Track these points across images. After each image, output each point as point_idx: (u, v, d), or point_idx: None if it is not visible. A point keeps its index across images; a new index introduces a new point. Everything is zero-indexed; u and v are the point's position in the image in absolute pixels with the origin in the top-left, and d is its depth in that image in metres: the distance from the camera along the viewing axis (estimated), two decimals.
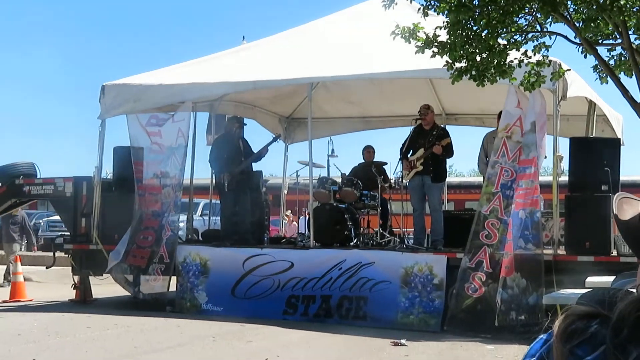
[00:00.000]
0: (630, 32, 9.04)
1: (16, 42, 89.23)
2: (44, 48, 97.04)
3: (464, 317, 10.74)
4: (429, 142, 12.48)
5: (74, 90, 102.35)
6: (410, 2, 9.62)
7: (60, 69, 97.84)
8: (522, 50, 9.37)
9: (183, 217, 16.24)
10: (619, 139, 13.27)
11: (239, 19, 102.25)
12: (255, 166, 13.78)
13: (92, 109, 14.66)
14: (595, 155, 11.24)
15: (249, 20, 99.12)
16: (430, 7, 9.07)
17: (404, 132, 13.15)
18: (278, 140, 13.83)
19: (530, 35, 9.30)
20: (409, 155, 12.68)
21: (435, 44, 9.14)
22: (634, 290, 1.36)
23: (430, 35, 9.17)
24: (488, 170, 11.35)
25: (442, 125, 14.06)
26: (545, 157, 11.45)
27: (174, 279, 12.74)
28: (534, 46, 9.36)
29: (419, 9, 9.24)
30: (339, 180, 13.96)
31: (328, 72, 12.62)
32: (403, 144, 12.78)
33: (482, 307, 10.64)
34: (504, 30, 8.96)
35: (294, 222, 21.83)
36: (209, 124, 15.41)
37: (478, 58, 9.09)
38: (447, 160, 12.95)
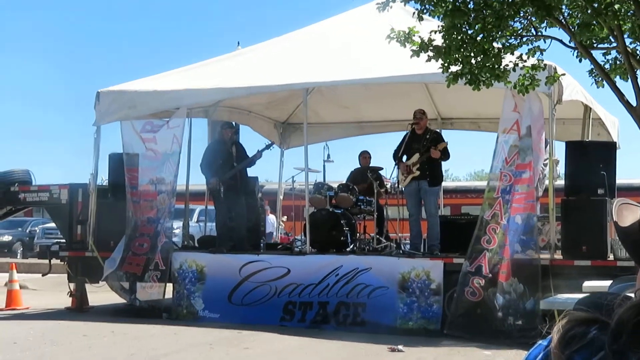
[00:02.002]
0: (625, 36, 9.07)
1: (10, 49, 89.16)
2: (39, 54, 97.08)
3: (463, 321, 10.73)
4: (423, 146, 12.48)
5: (69, 96, 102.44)
6: (405, 5, 9.59)
7: (56, 75, 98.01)
8: (517, 53, 9.39)
9: (179, 224, 16.24)
10: (615, 142, 13.30)
11: (233, 24, 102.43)
12: (251, 172, 13.79)
13: (88, 115, 14.66)
14: (591, 158, 11.25)
15: (244, 26, 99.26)
16: (425, 11, 9.07)
17: (400, 137, 13.15)
18: (271, 147, 13.77)
19: (525, 39, 9.32)
20: (404, 160, 12.68)
21: (431, 48, 9.14)
22: (633, 295, 1.35)
23: (426, 39, 9.18)
24: (490, 175, 11.39)
25: (436, 129, 14.06)
26: (545, 164, 11.46)
27: (169, 286, 12.71)
28: (528, 49, 9.37)
29: (414, 13, 9.24)
30: (335, 185, 13.94)
31: (323, 78, 12.62)
32: (396, 150, 12.79)
33: (481, 312, 10.64)
34: (499, 34, 8.98)
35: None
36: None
37: (473, 61, 9.10)
38: (443, 164, 12.99)
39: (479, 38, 8.95)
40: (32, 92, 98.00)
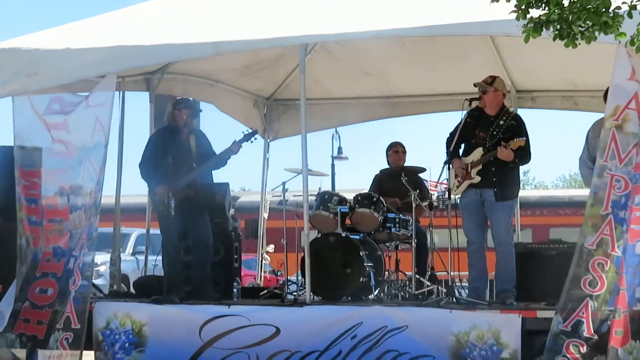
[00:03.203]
0: None
1: None
2: None
3: None
4: (492, 136, 12.41)
5: None
6: None
7: None
8: None
9: (104, 257, 16.18)
10: None
11: None
12: (218, 176, 13.75)
13: None
14: None
15: None
16: None
17: (452, 120, 13.12)
18: (253, 138, 13.62)
19: None
20: (460, 157, 12.62)
21: None
22: None
23: None
24: (594, 180, 11.25)
25: (513, 109, 13.97)
26: None
27: (89, 355, 12.67)
28: None
29: None
30: (350, 196, 13.88)
31: (331, 28, 12.52)
32: (450, 138, 12.73)
33: None
34: None
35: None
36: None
37: (565, 2, 9.04)
38: (521, 166, 12.90)
39: None
40: None
